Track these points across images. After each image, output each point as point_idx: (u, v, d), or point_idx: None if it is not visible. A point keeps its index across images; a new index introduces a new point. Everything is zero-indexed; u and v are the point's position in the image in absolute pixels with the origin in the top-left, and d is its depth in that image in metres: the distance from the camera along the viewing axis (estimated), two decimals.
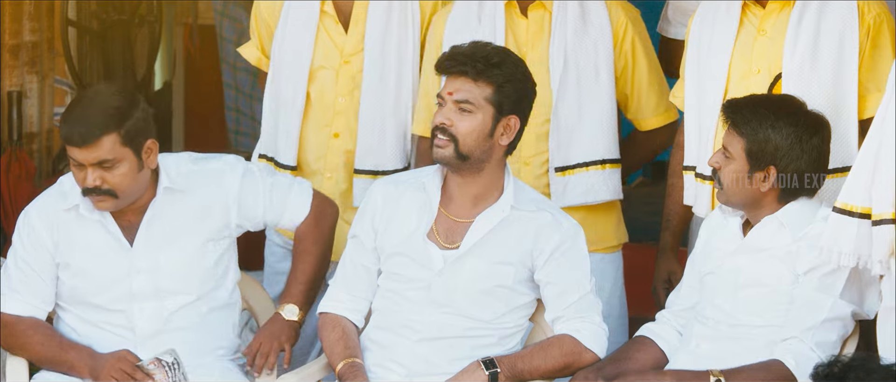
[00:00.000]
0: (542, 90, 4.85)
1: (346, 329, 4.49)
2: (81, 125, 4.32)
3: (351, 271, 4.53)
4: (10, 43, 6.62)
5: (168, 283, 4.51)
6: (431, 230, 4.41)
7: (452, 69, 4.31)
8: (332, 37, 5.03)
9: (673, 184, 4.86)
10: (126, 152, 4.36)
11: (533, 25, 4.91)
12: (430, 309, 4.40)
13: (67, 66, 6.94)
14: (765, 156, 4.21)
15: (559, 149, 4.87)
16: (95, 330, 4.53)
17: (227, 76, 8.13)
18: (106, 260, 4.50)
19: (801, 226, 4.23)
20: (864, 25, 4.48)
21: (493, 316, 4.40)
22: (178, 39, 8.21)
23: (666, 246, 4.88)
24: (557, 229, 4.39)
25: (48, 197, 4.57)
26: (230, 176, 4.58)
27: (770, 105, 4.28)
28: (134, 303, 4.50)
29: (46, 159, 6.84)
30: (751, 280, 4.27)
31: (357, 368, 4.39)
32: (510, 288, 4.40)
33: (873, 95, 4.47)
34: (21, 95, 6.68)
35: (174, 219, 4.51)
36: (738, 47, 4.58)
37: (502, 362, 4.34)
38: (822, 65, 4.47)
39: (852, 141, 4.46)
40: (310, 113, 5.04)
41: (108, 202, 4.40)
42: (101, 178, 4.35)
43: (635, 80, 4.96)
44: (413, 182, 4.48)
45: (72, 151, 4.36)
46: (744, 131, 4.23)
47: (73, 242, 4.50)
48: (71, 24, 7.03)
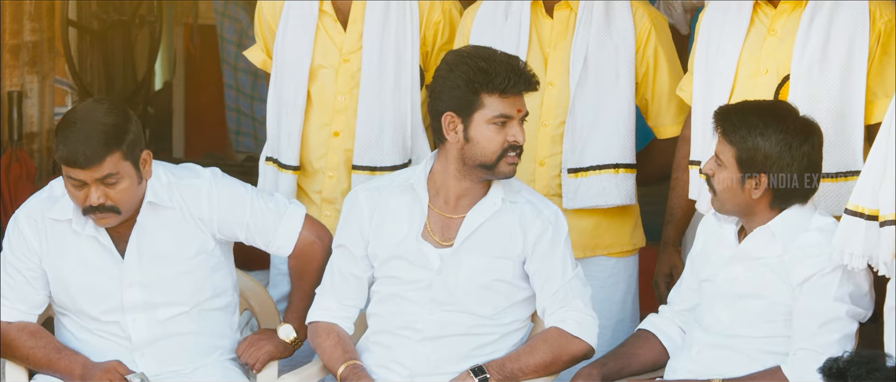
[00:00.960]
0: (560, 91, 4.85)
1: (340, 335, 4.48)
2: (84, 146, 4.28)
3: (339, 279, 4.52)
4: (10, 43, 6.61)
5: (161, 297, 4.49)
6: (425, 229, 4.41)
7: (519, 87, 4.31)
8: (331, 36, 5.03)
9: (678, 179, 4.85)
10: (127, 167, 4.34)
11: (557, 25, 4.90)
12: (432, 307, 4.40)
13: (68, 66, 6.94)
14: (755, 163, 4.19)
15: (573, 150, 4.85)
16: (94, 338, 4.52)
17: (227, 77, 8.12)
18: (98, 273, 4.48)
19: (792, 237, 4.22)
20: (875, 30, 4.47)
21: (493, 312, 4.40)
22: (178, 39, 8.21)
23: (668, 241, 4.87)
24: (538, 217, 4.40)
25: (37, 202, 4.53)
26: (205, 193, 4.51)
27: (759, 112, 4.24)
28: (126, 314, 4.48)
29: (47, 159, 6.84)
30: (747, 291, 4.26)
31: (359, 369, 4.39)
32: (509, 282, 4.40)
33: (881, 100, 4.46)
34: (21, 95, 6.67)
35: (162, 232, 4.48)
36: (747, 46, 4.57)
37: (491, 367, 4.34)
38: (831, 68, 4.46)
39: (858, 145, 4.45)
40: (310, 112, 5.04)
41: (110, 218, 4.38)
42: (104, 195, 4.33)
43: (656, 87, 4.93)
44: (397, 184, 4.47)
45: (72, 172, 4.32)
46: (733, 139, 4.21)
47: (64, 254, 4.48)
48: (71, 24, 7.03)
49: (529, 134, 4.82)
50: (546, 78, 4.85)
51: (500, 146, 4.30)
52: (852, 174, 4.43)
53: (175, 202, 4.48)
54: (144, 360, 4.48)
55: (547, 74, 4.86)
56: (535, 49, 4.88)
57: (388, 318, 4.46)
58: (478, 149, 4.31)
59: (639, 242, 5.02)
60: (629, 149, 4.86)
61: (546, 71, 4.86)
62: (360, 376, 4.37)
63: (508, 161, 4.32)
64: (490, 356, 4.39)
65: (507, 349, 4.42)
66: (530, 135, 4.82)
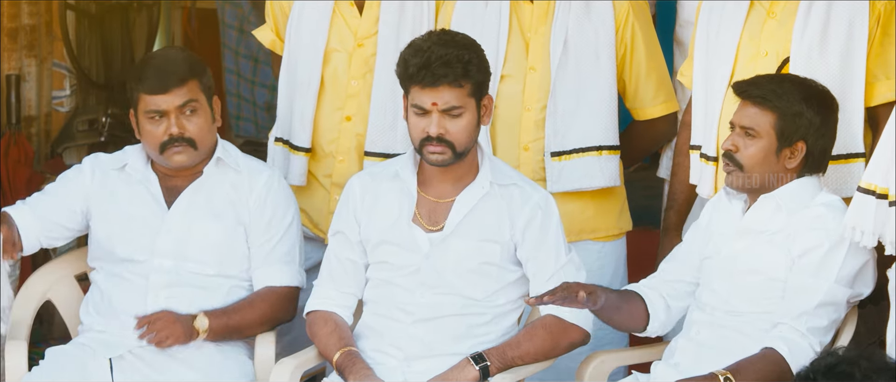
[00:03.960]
0: (542, 75, 4.85)
1: (337, 323, 4.48)
2: (169, 69, 4.52)
3: (337, 266, 4.52)
4: (8, 26, 6.60)
5: (192, 252, 4.59)
6: (415, 214, 4.41)
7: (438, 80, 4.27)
8: (346, 19, 5.04)
9: (679, 164, 4.85)
10: (204, 100, 4.57)
11: (537, 10, 4.91)
12: (422, 290, 4.40)
13: (65, 50, 6.92)
14: (797, 130, 4.19)
15: (556, 134, 4.86)
16: (114, 280, 4.62)
17: (228, 61, 8.14)
18: (140, 217, 4.61)
19: (797, 208, 4.21)
20: (874, 12, 4.46)
21: (484, 295, 4.40)
22: (176, 23, 8.19)
23: (670, 226, 4.87)
24: (527, 202, 4.40)
25: (107, 157, 4.73)
26: (264, 179, 4.65)
27: (794, 82, 4.27)
28: (154, 258, 4.58)
29: (45, 143, 6.83)
30: (747, 266, 4.26)
31: (354, 355, 4.39)
32: (498, 265, 4.40)
33: (881, 82, 4.46)
34: (19, 79, 6.66)
35: (216, 195, 4.62)
36: (747, 29, 4.57)
37: (491, 354, 4.34)
38: (831, 50, 4.45)
39: (857, 127, 4.44)
40: (323, 95, 5.06)
41: (186, 152, 4.55)
42: (182, 126, 4.51)
43: (633, 68, 4.95)
44: (387, 172, 4.49)
45: (154, 101, 4.51)
46: (776, 105, 4.19)
47: (114, 195, 4.63)
48: (69, 7, 7.01)
49: (513, 119, 4.88)
50: (528, 63, 4.89)
51: (419, 135, 4.32)
52: (853, 156, 4.43)
53: (241, 167, 4.63)
54: (157, 301, 4.56)
55: (528, 59, 4.89)
56: (516, 34, 4.90)
57: (381, 303, 4.46)
58: (410, 135, 4.36)
59: (625, 226, 5.03)
60: (612, 131, 4.87)
61: (528, 56, 4.88)
62: (355, 362, 4.36)
63: (429, 150, 4.31)
64: (484, 335, 4.40)
65: (500, 329, 4.43)
66: (514, 120, 4.89)
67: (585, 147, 4.87)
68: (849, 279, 4.16)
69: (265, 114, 8.02)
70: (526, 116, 4.90)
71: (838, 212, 4.18)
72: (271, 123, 5.29)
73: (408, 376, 4.39)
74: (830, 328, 4.15)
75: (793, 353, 4.08)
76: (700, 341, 4.31)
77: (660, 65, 5.00)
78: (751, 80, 4.29)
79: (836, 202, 4.22)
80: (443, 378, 4.33)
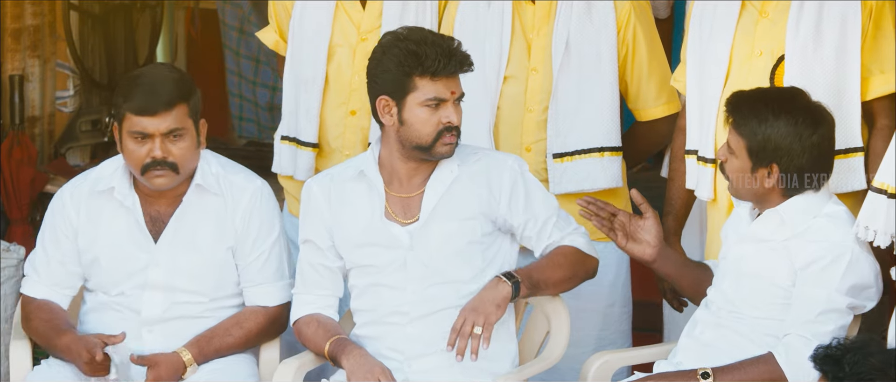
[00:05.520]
0: (544, 76, 4.85)
1: (321, 320, 4.47)
2: (157, 91, 4.41)
3: (310, 273, 4.50)
4: (11, 26, 6.61)
5: (183, 282, 4.54)
6: (386, 211, 4.40)
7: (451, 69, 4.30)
8: (349, 14, 5.04)
9: (675, 169, 4.85)
10: (190, 125, 4.47)
11: (539, 11, 4.90)
12: (414, 286, 4.39)
13: (69, 50, 6.93)
14: (766, 154, 4.19)
15: (557, 135, 4.86)
16: (107, 311, 4.56)
17: (229, 62, 8.13)
18: (128, 248, 4.53)
19: (801, 222, 4.21)
20: (866, 7, 4.46)
21: (472, 275, 4.39)
22: (179, 23, 8.19)
23: (668, 231, 4.86)
24: (504, 169, 4.41)
25: (85, 180, 4.61)
26: (248, 197, 4.57)
27: (769, 101, 4.23)
28: (145, 291, 4.52)
29: (48, 143, 6.83)
30: (752, 270, 4.27)
31: (343, 341, 4.38)
32: (480, 242, 4.40)
33: (876, 77, 4.46)
34: (23, 79, 6.67)
35: (201, 220, 4.53)
36: (739, 30, 4.56)
37: (520, 273, 4.35)
38: (825, 47, 4.45)
39: (855, 123, 4.44)
40: (328, 91, 5.06)
41: (168, 176, 4.45)
42: (166, 150, 4.41)
43: (635, 69, 4.94)
44: (348, 172, 4.46)
45: (140, 122, 4.40)
46: (743, 131, 4.20)
47: (98, 228, 4.54)
48: (72, 7, 7.01)
49: (515, 120, 4.87)
50: (530, 64, 4.88)
51: (434, 128, 4.30)
52: (851, 151, 4.44)
53: (222, 189, 4.54)
54: (152, 336, 4.51)
55: (530, 61, 4.88)
56: (518, 35, 4.90)
57: (373, 310, 4.45)
58: (413, 132, 4.31)
59: None
60: (614, 132, 4.87)
61: (529, 57, 4.88)
62: (345, 345, 4.35)
63: (444, 142, 4.31)
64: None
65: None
66: (516, 121, 4.88)
67: (587, 148, 4.87)
68: (850, 289, 4.15)
69: (267, 115, 8.02)
70: (528, 117, 4.90)
71: (842, 223, 4.18)
72: (273, 123, 5.30)
73: (409, 376, 4.39)
74: (836, 333, 4.15)
75: (790, 359, 4.08)
76: (703, 341, 4.32)
77: (662, 65, 5.00)
78: (734, 97, 4.27)
79: (841, 213, 4.22)
80: (479, 297, 4.29)
